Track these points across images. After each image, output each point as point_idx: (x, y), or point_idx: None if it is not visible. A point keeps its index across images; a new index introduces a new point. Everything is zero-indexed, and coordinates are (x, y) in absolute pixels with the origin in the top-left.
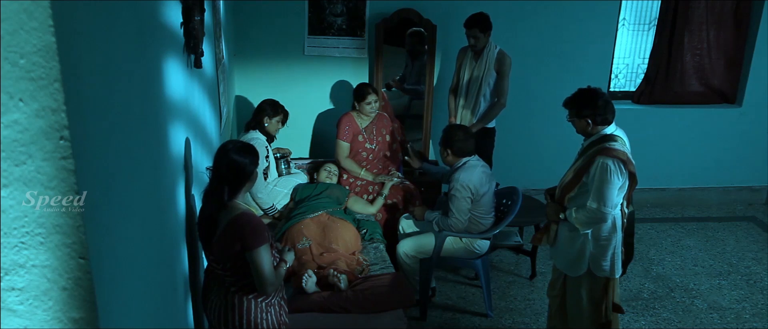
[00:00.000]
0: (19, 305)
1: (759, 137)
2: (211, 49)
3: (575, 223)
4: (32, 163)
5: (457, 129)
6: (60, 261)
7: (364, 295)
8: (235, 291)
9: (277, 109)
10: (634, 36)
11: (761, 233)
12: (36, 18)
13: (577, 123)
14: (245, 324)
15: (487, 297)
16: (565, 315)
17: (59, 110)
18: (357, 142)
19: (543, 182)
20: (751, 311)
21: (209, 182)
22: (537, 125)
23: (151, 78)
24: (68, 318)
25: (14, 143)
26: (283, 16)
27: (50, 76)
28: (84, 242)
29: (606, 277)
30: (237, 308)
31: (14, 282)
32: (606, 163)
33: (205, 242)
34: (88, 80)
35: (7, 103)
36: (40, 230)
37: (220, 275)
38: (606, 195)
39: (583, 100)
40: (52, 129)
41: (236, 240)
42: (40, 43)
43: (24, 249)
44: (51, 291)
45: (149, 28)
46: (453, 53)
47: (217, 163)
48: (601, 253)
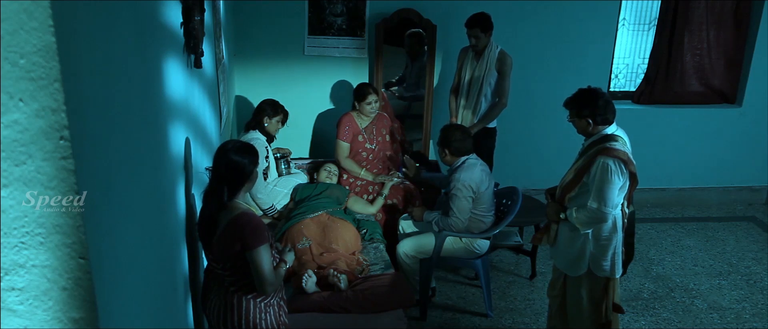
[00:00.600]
0: (19, 305)
1: (759, 137)
2: (211, 49)
3: (575, 223)
4: (32, 163)
5: (454, 129)
6: (60, 261)
7: (364, 295)
8: (234, 290)
9: (276, 109)
10: (634, 36)
11: (761, 233)
12: (36, 18)
13: (578, 123)
14: (244, 324)
15: (487, 297)
16: (565, 315)
17: (59, 110)
18: (357, 142)
19: (543, 182)
20: (751, 311)
21: (209, 182)
22: (537, 125)
23: (151, 78)
24: (68, 318)
25: (14, 143)
26: (283, 16)
27: (50, 76)
28: (84, 242)
29: (606, 277)
30: (236, 308)
31: (14, 282)
32: (607, 163)
33: (205, 242)
34: (88, 80)
35: (7, 103)
36: (40, 230)
37: (220, 275)
38: (606, 195)
39: (583, 100)
40: (52, 129)
41: (236, 240)
42: (40, 43)
43: (24, 249)
44: (51, 291)
45: (149, 28)
46: (453, 53)
47: (216, 163)
48: (602, 253)
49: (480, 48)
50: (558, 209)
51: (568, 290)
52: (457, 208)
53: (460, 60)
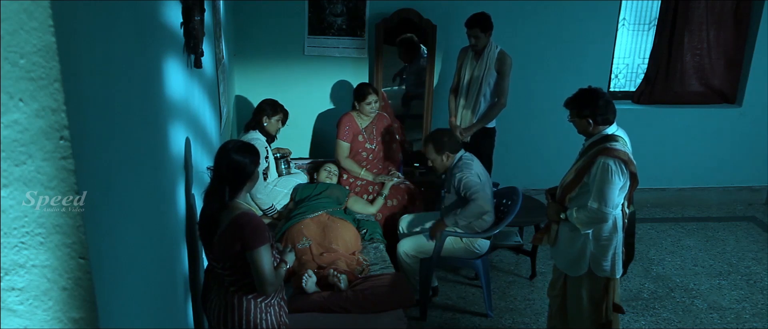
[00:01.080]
0: (19, 305)
1: (759, 137)
2: (211, 49)
3: (576, 223)
4: (32, 163)
5: (440, 133)
6: (60, 261)
7: (364, 295)
8: (234, 290)
9: (276, 108)
10: (634, 36)
11: (761, 233)
12: (36, 18)
13: (578, 123)
14: (244, 324)
15: (487, 297)
16: (566, 316)
17: (59, 110)
18: (357, 142)
19: (543, 182)
20: (751, 311)
21: (210, 182)
22: (537, 125)
23: (151, 78)
24: (68, 318)
25: (14, 143)
26: (283, 16)
27: (50, 76)
28: (84, 242)
29: (606, 277)
30: (236, 308)
31: (14, 282)
32: (607, 163)
33: (205, 241)
34: (88, 80)
35: (7, 103)
36: (40, 230)
37: (220, 274)
38: (607, 195)
39: (584, 100)
40: (52, 129)
41: (237, 240)
42: (40, 43)
43: (24, 249)
44: (51, 291)
45: (149, 28)
46: (453, 53)
47: (218, 163)
48: (602, 253)
49: (479, 48)
50: (558, 209)
51: (568, 290)
52: (482, 202)
53: (460, 60)
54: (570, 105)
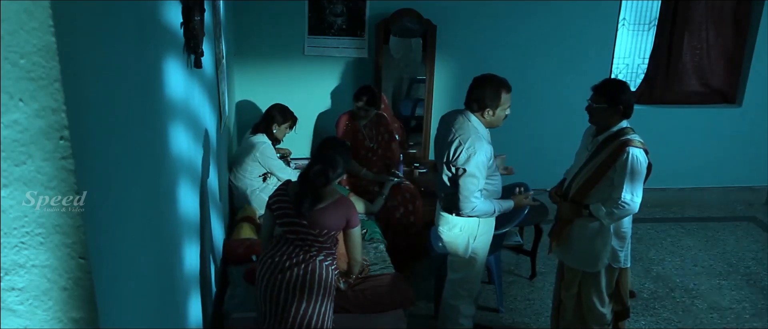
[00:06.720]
0: (19, 305)
1: (759, 137)
2: (211, 49)
3: (604, 217)
4: (32, 163)
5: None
6: (60, 261)
7: (364, 295)
8: (315, 255)
9: (286, 116)
10: (634, 36)
11: (761, 233)
12: (36, 18)
13: (603, 112)
14: (323, 282)
15: (500, 292)
16: (581, 313)
17: (59, 110)
18: (357, 140)
19: (543, 182)
20: (751, 311)
21: (312, 163)
22: (537, 125)
23: (151, 78)
24: (68, 318)
25: (14, 143)
26: (283, 16)
27: (50, 76)
28: (84, 242)
29: (621, 267)
30: (318, 270)
31: (14, 282)
32: (635, 154)
33: (287, 212)
34: (88, 80)
35: (7, 103)
36: (40, 230)
37: (308, 241)
38: (638, 186)
39: (619, 88)
40: (52, 129)
41: (343, 217)
42: (40, 43)
43: (24, 249)
44: (51, 291)
45: (149, 28)
46: (453, 53)
47: (326, 150)
48: (621, 245)
49: None
50: (574, 208)
51: (583, 286)
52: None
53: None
54: (602, 91)
